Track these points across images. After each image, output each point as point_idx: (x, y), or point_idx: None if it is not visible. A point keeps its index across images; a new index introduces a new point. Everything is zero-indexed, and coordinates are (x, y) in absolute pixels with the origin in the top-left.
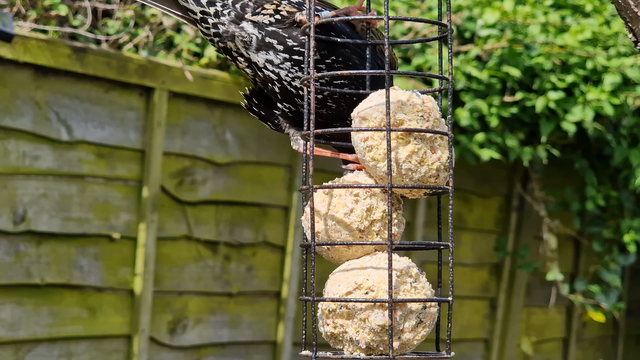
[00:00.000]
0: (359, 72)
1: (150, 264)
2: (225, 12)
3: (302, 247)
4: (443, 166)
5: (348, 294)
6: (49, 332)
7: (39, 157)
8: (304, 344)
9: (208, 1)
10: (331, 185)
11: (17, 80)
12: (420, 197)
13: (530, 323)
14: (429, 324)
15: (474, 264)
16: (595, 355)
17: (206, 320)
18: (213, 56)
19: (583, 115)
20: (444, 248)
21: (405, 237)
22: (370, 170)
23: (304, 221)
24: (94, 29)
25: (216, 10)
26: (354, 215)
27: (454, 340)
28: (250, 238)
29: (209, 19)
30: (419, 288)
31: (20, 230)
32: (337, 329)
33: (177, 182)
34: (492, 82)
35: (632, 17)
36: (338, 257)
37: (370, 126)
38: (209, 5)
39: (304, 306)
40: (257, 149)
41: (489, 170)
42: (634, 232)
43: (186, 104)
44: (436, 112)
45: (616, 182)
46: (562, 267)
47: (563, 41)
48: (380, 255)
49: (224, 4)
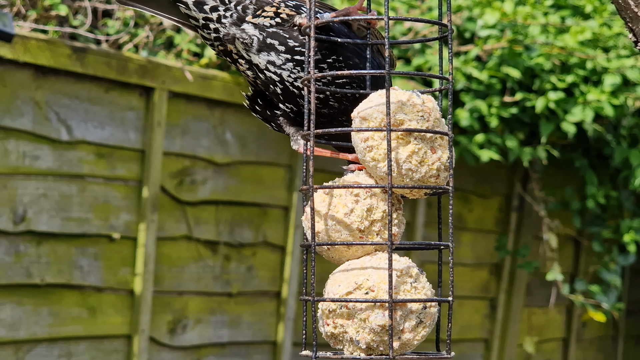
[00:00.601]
0: (359, 72)
1: (150, 264)
2: (228, 14)
3: (302, 247)
4: (443, 166)
5: (348, 294)
6: (49, 332)
7: (39, 157)
8: (304, 344)
9: (211, 7)
10: (331, 186)
11: (17, 80)
12: (420, 197)
13: (530, 323)
14: (429, 324)
15: (474, 264)
16: (596, 355)
17: (206, 320)
18: (213, 56)
19: (583, 115)
20: (444, 248)
21: (405, 237)
22: (370, 170)
23: (304, 221)
24: (94, 29)
25: (219, 15)
26: (354, 216)
27: (454, 340)
28: (250, 238)
29: (210, 25)
30: (419, 288)
31: (20, 230)
32: (337, 329)
33: (177, 182)
34: (492, 82)
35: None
36: (338, 257)
37: (370, 126)
38: (212, 11)
39: (304, 306)
40: (257, 149)
41: (489, 170)
42: (633, 232)
43: (186, 104)
44: (436, 112)
45: (616, 183)
46: (562, 267)
47: (563, 42)
48: (380, 255)
49: (227, 7)
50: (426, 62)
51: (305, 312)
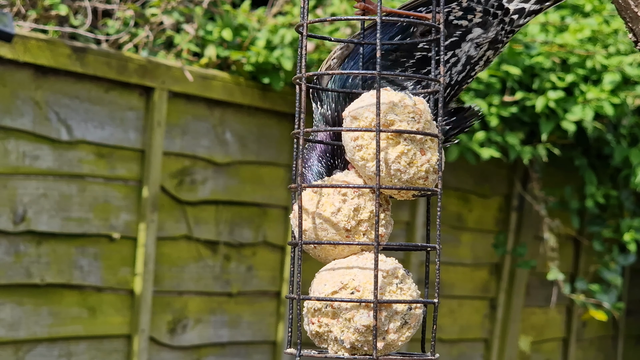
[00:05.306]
0: (350, 72)
1: (150, 264)
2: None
3: (290, 245)
4: (432, 168)
5: (334, 293)
6: (49, 332)
7: (39, 157)
8: (289, 342)
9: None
10: (320, 184)
11: (17, 80)
12: (408, 198)
13: (530, 323)
14: (414, 326)
15: (474, 263)
16: (596, 355)
17: (206, 320)
18: (213, 56)
19: (583, 114)
20: (431, 250)
21: (405, 237)
22: (359, 169)
23: (292, 219)
24: (94, 29)
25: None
26: (341, 215)
27: (454, 340)
28: (250, 238)
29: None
30: (404, 289)
31: (20, 230)
32: (322, 327)
33: (177, 182)
34: (492, 81)
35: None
36: (325, 255)
37: (361, 126)
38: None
39: (289, 304)
40: (257, 149)
41: (489, 170)
42: (634, 231)
43: (186, 104)
44: (427, 114)
45: (616, 182)
46: (562, 267)
47: (562, 40)
48: (367, 256)
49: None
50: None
51: (291, 310)
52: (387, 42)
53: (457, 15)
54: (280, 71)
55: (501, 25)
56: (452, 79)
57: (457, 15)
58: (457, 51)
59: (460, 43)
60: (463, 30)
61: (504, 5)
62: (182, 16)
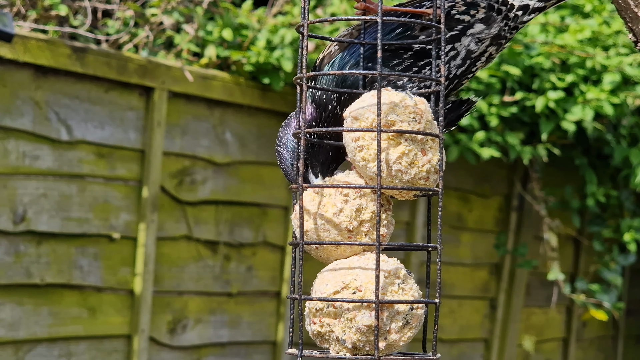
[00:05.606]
0: (351, 72)
1: (150, 264)
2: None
3: (291, 246)
4: (433, 168)
5: (335, 293)
6: (49, 332)
7: (39, 157)
8: (291, 342)
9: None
10: (321, 185)
11: (17, 80)
12: (409, 198)
13: (530, 323)
14: (416, 326)
15: (474, 263)
16: (596, 355)
17: (206, 320)
18: (213, 56)
19: (583, 114)
20: (432, 250)
21: (405, 237)
22: (360, 170)
23: (294, 219)
24: (94, 29)
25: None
26: (343, 215)
27: (454, 340)
28: (250, 238)
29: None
30: (406, 289)
31: (20, 230)
32: (323, 327)
33: (177, 182)
34: (492, 81)
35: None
36: (326, 256)
37: (362, 126)
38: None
39: (291, 304)
40: (257, 149)
41: (489, 170)
42: (634, 231)
43: (186, 104)
44: (428, 114)
45: (616, 182)
46: (562, 267)
47: (562, 41)
48: (368, 256)
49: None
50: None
51: (292, 310)
52: (388, 42)
53: (460, 10)
54: (280, 71)
55: (505, 21)
56: (451, 73)
57: (460, 10)
58: (457, 45)
59: (461, 37)
60: (465, 25)
61: (509, 0)
62: (182, 16)
